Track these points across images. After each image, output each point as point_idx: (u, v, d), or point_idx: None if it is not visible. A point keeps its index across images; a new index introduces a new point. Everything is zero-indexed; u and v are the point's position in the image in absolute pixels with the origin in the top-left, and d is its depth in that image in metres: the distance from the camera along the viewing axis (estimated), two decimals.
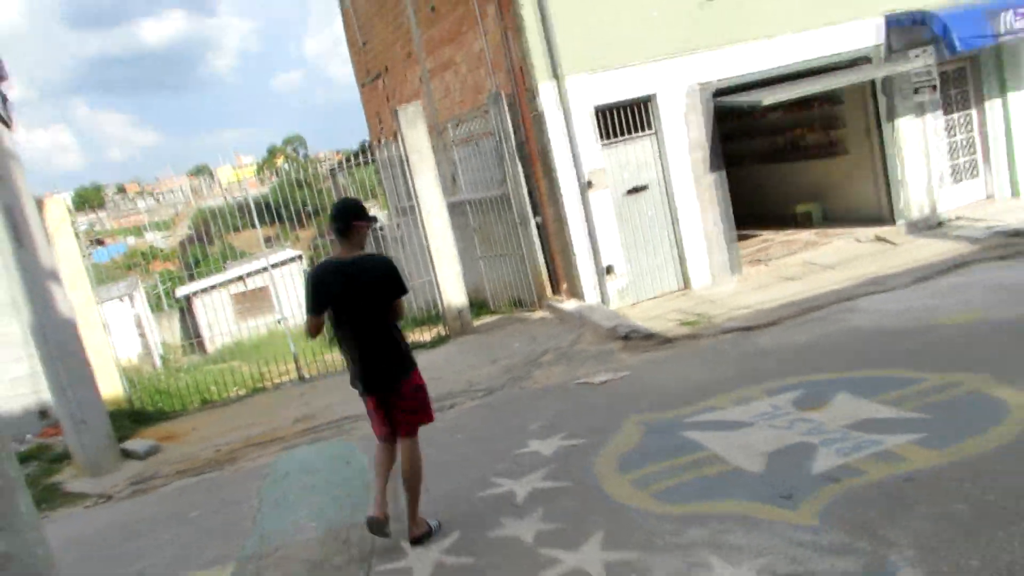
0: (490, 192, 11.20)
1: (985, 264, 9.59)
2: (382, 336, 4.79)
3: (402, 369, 4.83)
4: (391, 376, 4.81)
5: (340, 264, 4.72)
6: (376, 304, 4.74)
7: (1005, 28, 11.26)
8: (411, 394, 4.88)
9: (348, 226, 4.70)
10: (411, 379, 4.88)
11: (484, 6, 10.68)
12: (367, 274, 4.70)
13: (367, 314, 4.73)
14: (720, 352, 8.04)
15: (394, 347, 4.83)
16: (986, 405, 5.29)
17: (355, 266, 4.70)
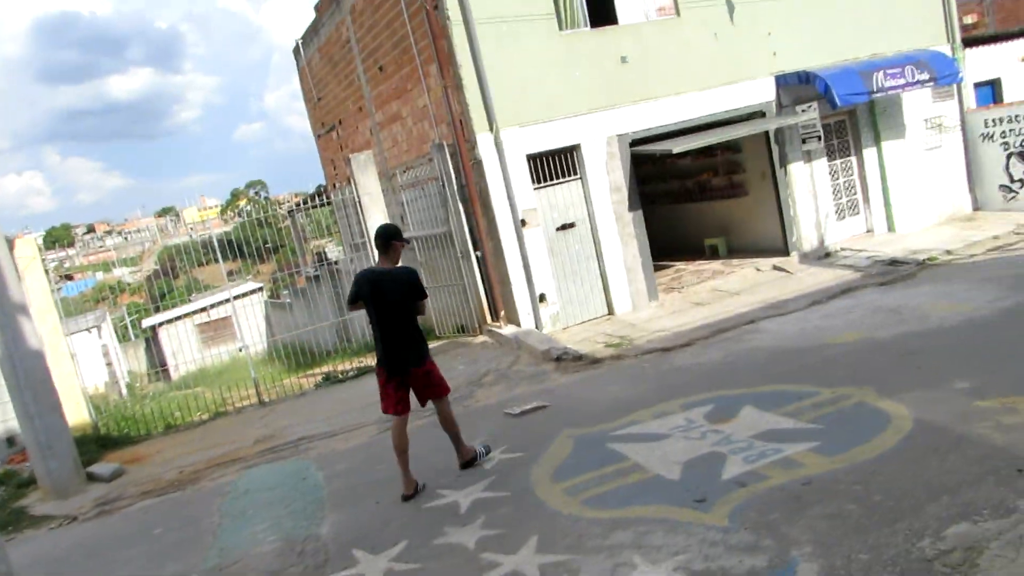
0: (435, 230, 11.16)
1: (868, 289, 9.93)
2: (403, 331, 5.49)
3: (417, 358, 5.53)
4: (407, 362, 5.50)
5: (375, 272, 5.53)
6: (400, 305, 5.44)
7: (877, 86, 11.80)
8: (423, 376, 5.57)
9: (388, 244, 5.49)
10: (423, 367, 5.56)
11: (427, 67, 10.71)
12: (394, 282, 5.43)
13: (392, 313, 5.44)
14: (641, 371, 8.11)
15: (412, 341, 5.52)
16: (871, 415, 5.43)
17: (387, 275, 5.46)
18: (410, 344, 5.50)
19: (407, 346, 5.49)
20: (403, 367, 5.50)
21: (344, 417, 8.41)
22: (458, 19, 9.79)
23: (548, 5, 10.33)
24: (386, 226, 5.70)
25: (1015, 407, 4.98)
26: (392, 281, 5.43)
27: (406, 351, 5.49)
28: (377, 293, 5.41)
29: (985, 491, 3.98)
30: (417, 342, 5.54)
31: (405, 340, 5.49)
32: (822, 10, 12.23)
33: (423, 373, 5.56)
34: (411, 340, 5.51)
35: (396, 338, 5.47)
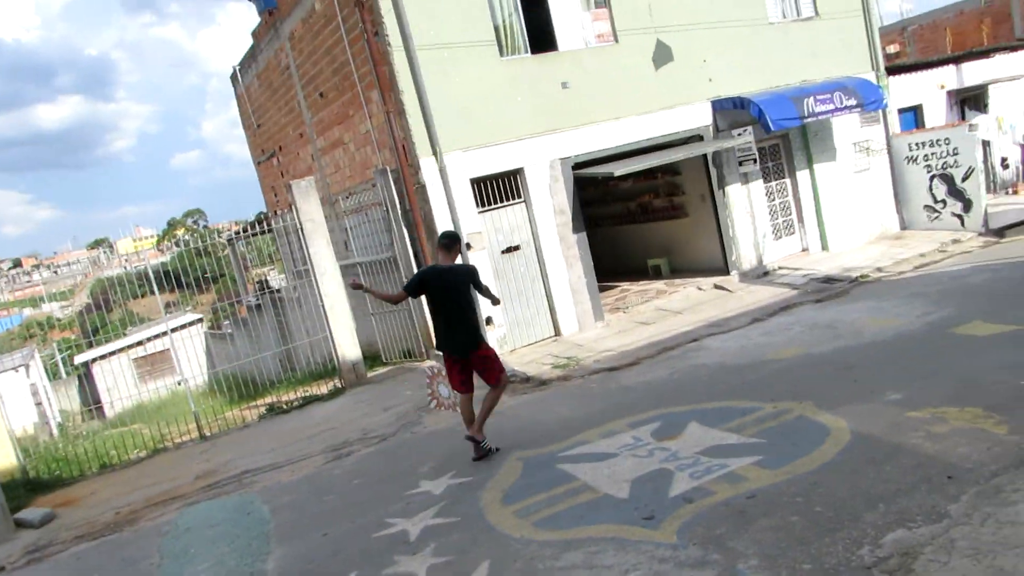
0: (379, 255, 11.11)
1: (805, 306, 10.26)
2: (463, 319, 6.28)
3: (473, 343, 6.33)
4: (465, 347, 6.31)
5: (439, 269, 6.39)
6: (459, 296, 6.28)
7: (808, 111, 12.28)
8: (480, 360, 6.36)
9: (452, 245, 6.44)
10: (479, 350, 6.36)
11: (368, 92, 10.72)
12: (455, 276, 6.34)
13: (453, 303, 6.27)
14: (589, 391, 8.19)
15: (470, 328, 6.33)
16: (811, 429, 5.60)
17: (449, 271, 6.35)
18: (468, 330, 6.31)
19: (466, 331, 6.30)
20: (463, 350, 6.31)
21: (290, 448, 8.24)
22: (399, 45, 9.85)
23: (489, 32, 10.49)
24: (450, 231, 6.81)
25: (943, 417, 5.21)
26: (454, 275, 6.34)
27: (464, 336, 6.30)
28: (441, 286, 6.27)
29: (918, 498, 4.14)
30: (474, 329, 6.37)
31: (464, 327, 6.29)
32: (755, 39, 12.71)
33: (480, 357, 6.36)
34: (469, 327, 6.33)
35: (456, 325, 6.29)
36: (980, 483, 4.15)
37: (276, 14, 13.30)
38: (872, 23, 14.21)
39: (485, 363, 6.37)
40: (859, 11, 13.96)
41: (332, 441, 8.13)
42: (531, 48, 10.92)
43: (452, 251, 6.42)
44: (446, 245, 6.42)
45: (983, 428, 4.88)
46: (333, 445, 7.97)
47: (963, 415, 5.16)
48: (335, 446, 7.93)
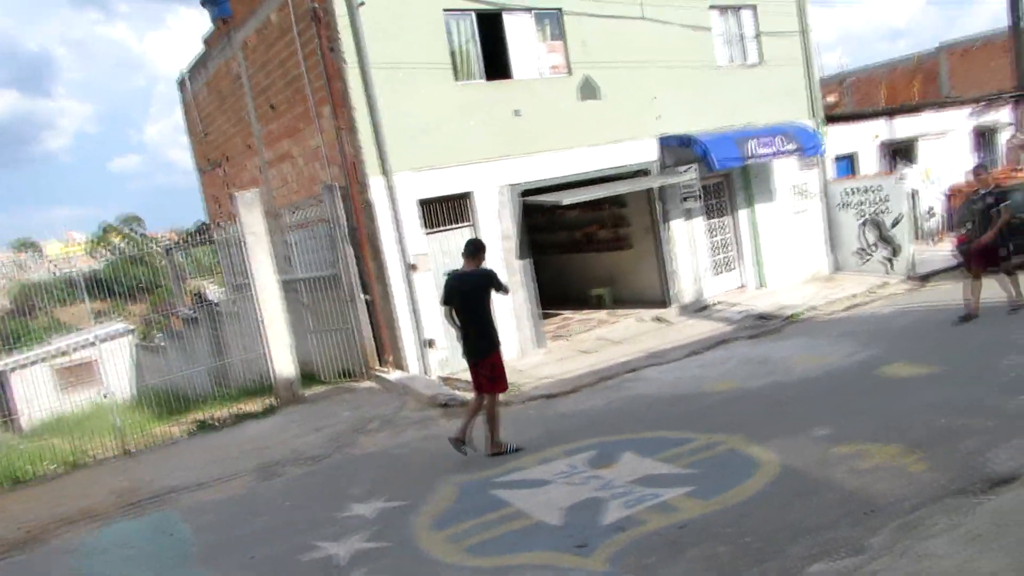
0: (322, 272, 10.95)
1: (740, 341, 10.51)
2: (477, 324, 6.58)
3: (487, 350, 6.58)
4: (479, 352, 6.58)
5: (461, 274, 6.67)
6: (474, 302, 6.54)
7: (751, 153, 12.71)
8: (489, 369, 6.59)
9: (475, 253, 6.72)
10: (490, 358, 6.59)
11: (320, 107, 10.65)
12: (473, 282, 6.58)
13: (470, 309, 6.56)
14: (526, 417, 8.18)
15: (483, 334, 6.59)
16: (742, 461, 5.72)
17: (468, 276, 6.62)
18: (481, 336, 6.60)
19: (479, 336, 6.60)
20: (476, 354, 6.61)
21: (218, 466, 7.97)
22: (354, 63, 9.84)
23: (445, 56, 10.56)
24: (474, 239, 7.00)
25: (867, 453, 5.38)
26: (470, 281, 6.60)
27: (477, 340, 6.61)
28: (458, 292, 6.58)
29: (841, 531, 4.25)
30: (487, 336, 6.61)
31: (478, 332, 6.60)
32: (703, 80, 13.12)
33: (488, 364, 6.60)
34: (482, 333, 6.60)
35: (471, 330, 6.62)
36: (899, 518, 4.29)
37: (230, 22, 13.13)
38: (812, 73, 14.84)
39: (491, 371, 6.63)
40: (801, 61, 14.58)
41: (263, 460, 7.90)
42: (486, 74, 11.04)
43: (475, 258, 6.71)
44: (470, 253, 6.75)
45: (903, 465, 5.06)
46: (263, 464, 7.75)
47: (885, 452, 5.34)
48: (265, 465, 7.72)
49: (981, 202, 9.38)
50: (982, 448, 5.11)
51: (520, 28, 11.31)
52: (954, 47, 27.97)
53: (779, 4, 14.11)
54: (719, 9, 13.48)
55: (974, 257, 9.40)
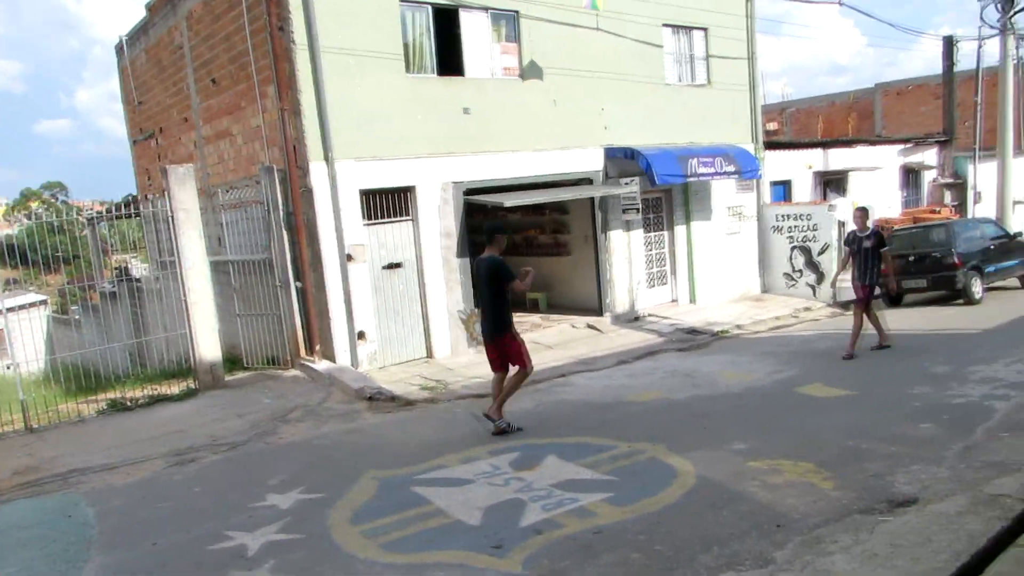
0: (255, 255, 10.69)
1: (669, 354, 10.75)
2: (490, 306, 6.98)
3: (498, 330, 6.98)
4: (493, 332, 7.02)
5: (479, 259, 7.05)
6: (491, 285, 6.90)
7: (691, 171, 13.02)
8: (505, 347, 7.01)
9: (492, 236, 7.01)
10: (504, 338, 6.99)
11: (264, 87, 10.40)
12: (487, 268, 6.91)
13: (483, 291, 7.01)
14: (453, 415, 8.17)
15: (496, 315, 6.96)
16: (661, 470, 5.83)
17: (483, 261, 6.96)
18: (494, 317, 6.96)
19: (492, 317, 6.97)
20: (492, 335, 7.01)
21: (128, 448, 7.68)
22: (304, 44, 9.65)
23: (398, 46, 10.47)
24: (493, 222, 7.32)
25: (780, 469, 5.57)
26: (485, 266, 6.94)
27: (491, 322, 6.99)
28: (475, 276, 7.12)
29: (749, 543, 4.39)
30: (500, 317, 6.96)
31: (491, 313, 6.98)
32: (651, 97, 13.37)
33: (503, 343, 6.97)
34: (495, 314, 6.95)
35: (486, 311, 7.02)
36: (804, 533, 4.45)
37: None
38: (756, 99, 15.31)
39: (507, 350, 7.01)
40: (746, 87, 15.02)
41: (177, 445, 7.66)
42: (438, 70, 10.99)
43: (492, 244, 7.01)
44: (487, 237, 7.09)
45: (812, 482, 5.25)
46: (177, 449, 7.51)
47: (797, 469, 5.53)
48: (179, 450, 7.48)
49: (857, 244, 9.70)
50: (886, 471, 5.35)
51: (476, 26, 11.30)
52: (890, 87, 29.29)
53: (730, 29, 14.50)
54: (672, 28, 13.76)
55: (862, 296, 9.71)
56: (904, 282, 13.68)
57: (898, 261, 13.81)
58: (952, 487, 4.95)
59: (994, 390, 7.29)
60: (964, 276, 13.02)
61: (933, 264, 13.31)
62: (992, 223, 15.68)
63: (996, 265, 13.91)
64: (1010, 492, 4.74)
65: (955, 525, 4.35)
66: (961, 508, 4.58)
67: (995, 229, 14.96)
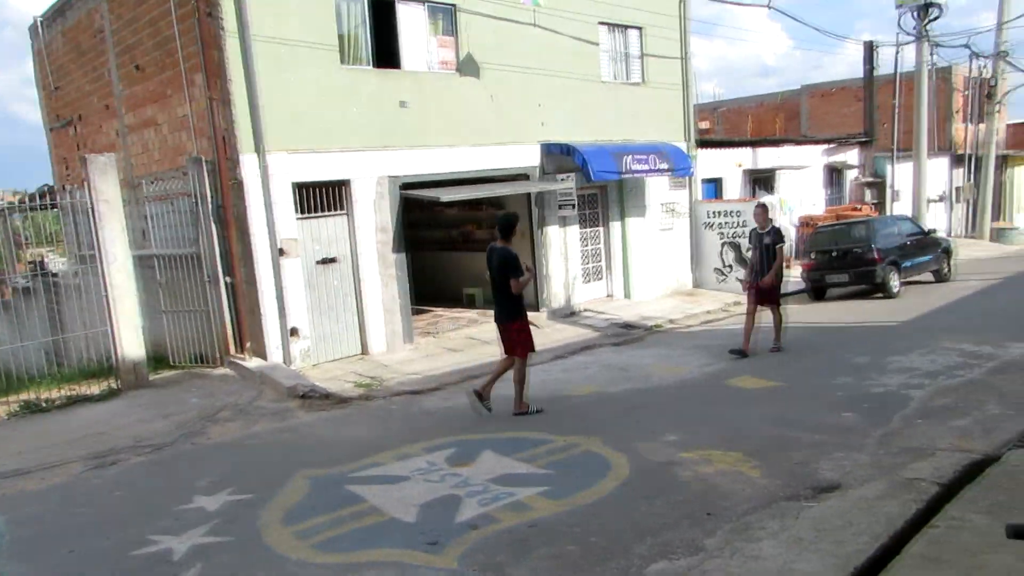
0: (182, 249, 10.32)
1: (604, 348, 10.87)
2: (500, 294, 7.30)
3: (509, 317, 7.33)
4: (503, 318, 7.36)
5: (492, 249, 7.32)
6: (498, 274, 7.24)
7: (626, 168, 13.19)
8: (513, 333, 7.34)
9: (502, 230, 7.28)
10: (513, 324, 7.32)
11: (192, 75, 10.04)
12: (496, 257, 7.23)
13: (495, 279, 7.33)
14: (389, 412, 8.08)
15: (509, 303, 7.29)
16: (596, 463, 5.89)
17: (495, 251, 7.26)
18: (504, 304, 7.32)
19: (502, 304, 7.33)
20: (502, 320, 7.36)
21: (43, 452, 7.31)
22: (234, 31, 9.35)
23: (332, 37, 10.25)
24: (508, 214, 7.57)
25: (710, 459, 5.69)
26: (496, 256, 7.24)
27: (501, 308, 7.36)
28: (489, 264, 7.31)
29: (681, 532, 4.47)
30: (509, 304, 7.30)
31: (501, 300, 7.32)
32: (587, 94, 13.47)
33: (514, 331, 7.32)
34: (505, 301, 7.29)
35: (497, 298, 7.36)
36: (733, 520, 4.56)
37: None
38: (689, 99, 15.62)
39: (511, 335, 7.36)
40: (679, 86, 15.30)
41: (97, 448, 7.33)
42: (375, 62, 10.82)
43: (504, 235, 7.29)
44: (499, 229, 7.34)
45: (741, 471, 5.39)
46: (97, 452, 7.19)
47: (727, 458, 5.67)
48: (99, 453, 7.16)
49: (757, 240, 9.61)
50: (811, 459, 5.54)
51: (413, 19, 11.17)
52: (815, 89, 30.33)
53: (664, 28, 14.74)
54: (608, 26, 13.90)
55: (754, 293, 9.61)
56: (828, 276, 14.21)
57: (823, 256, 14.37)
58: (872, 472, 5.15)
59: (910, 379, 7.62)
60: (883, 271, 13.59)
61: (855, 259, 13.85)
62: (909, 220, 16.42)
63: (912, 260, 14.56)
64: (925, 476, 4.97)
65: (875, 509, 4.52)
66: (880, 492, 4.77)
67: (911, 226, 15.66)
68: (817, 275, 14.38)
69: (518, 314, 7.33)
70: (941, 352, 8.71)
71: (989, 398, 6.76)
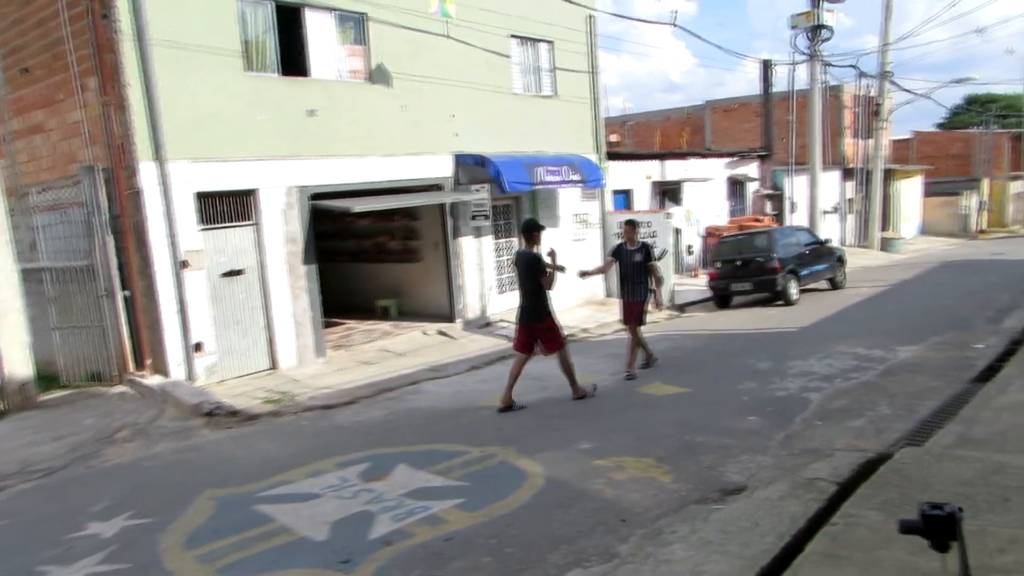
0: (75, 262, 9.73)
1: None
2: (528, 295, 7.82)
3: (537, 316, 7.81)
4: (531, 318, 7.84)
5: (518, 253, 8.11)
6: (526, 276, 7.82)
7: (539, 179, 13.33)
8: (544, 331, 7.85)
9: (527, 233, 7.92)
10: (543, 322, 7.83)
11: (85, 78, 9.51)
12: (523, 260, 7.86)
13: (522, 281, 7.92)
14: (300, 428, 7.85)
15: (535, 303, 7.78)
16: (512, 473, 5.88)
17: (522, 255, 7.93)
18: (533, 305, 7.78)
19: (531, 305, 7.80)
20: (528, 320, 7.82)
21: None
22: (130, 34, 8.93)
23: (237, 43, 9.93)
24: (531, 219, 8.05)
25: (623, 465, 5.78)
26: (523, 259, 7.88)
27: (530, 309, 7.82)
28: (516, 266, 7.95)
29: (595, 539, 4.51)
30: (538, 304, 7.76)
31: (530, 301, 7.80)
32: (500, 106, 13.56)
33: (543, 328, 7.81)
34: (534, 302, 7.76)
35: (524, 299, 7.85)
36: (646, 526, 4.64)
37: None
38: (599, 112, 15.96)
39: (546, 335, 7.83)
40: (589, 99, 15.62)
41: None
42: (282, 69, 10.55)
43: (530, 239, 7.84)
44: (525, 235, 7.91)
45: (653, 476, 5.50)
46: None
47: (639, 464, 5.77)
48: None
49: (625, 257, 9.40)
50: (718, 462, 5.71)
51: (321, 26, 10.97)
52: (718, 105, 31.61)
53: (574, 43, 15.02)
54: (519, 39, 14.05)
55: (627, 313, 9.48)
56: (732, 285, 14.76)
57: (727, 266, 14.92)
58: (775, 474, 5.36)
59: (809, 383, 7.99)
60: (783, 279, 14.23)
61: (757, 268, 14.45)
62: (806, 231, 17.27)
63: (810, 269, 15.32)
64: (824, 475, 5.20)
65: (779, 509, 4.69)
66: (783, 493, 4.96)
67: (808, 236, 16.49)
68: (722, 284, 14.91)
69: (545, 313, 7.83)
70: (837, 356, 9.17)
71: (881, 399, 7.16)
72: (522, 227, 7.99)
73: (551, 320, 7.90)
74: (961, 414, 6.09)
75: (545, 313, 7.84)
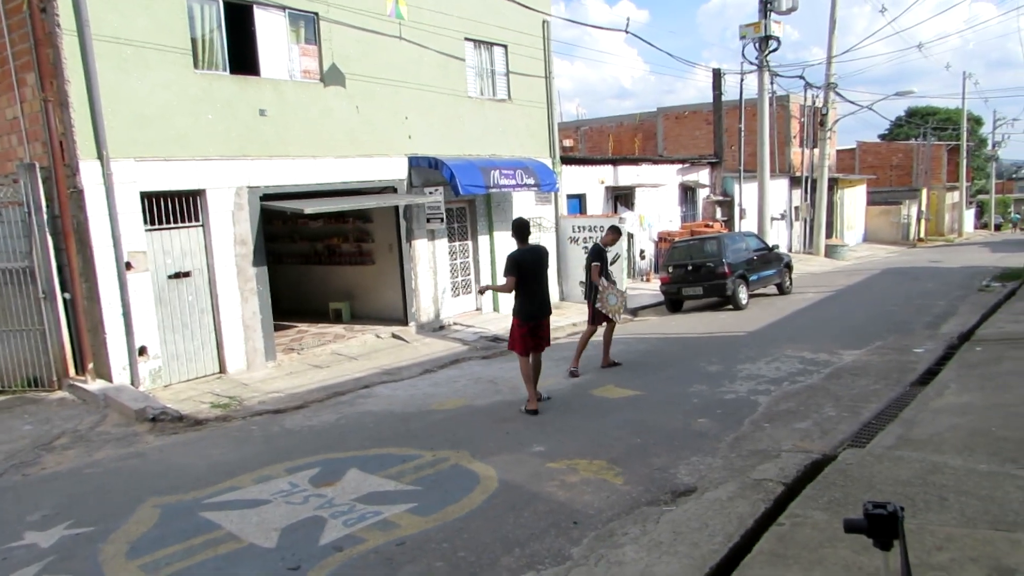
0: (12, 263, 9.37)
1: (473, 361, 10.89)
2: (545, 290, 7.90)
3: (549, 310, 7.96)
4: (542, 314, 7.86)
5: (528, 251, 7.77)
6: (543, 271, 7.85)
7: (494, 182, 13.34)
8: (547, 327, 7.99)
9: (521, 232, 7.80)
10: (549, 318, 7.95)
11: (23, 74, 9.18)
12: (539, 256, 7.84)
13: (539, 277, 7.80)
14: (248, 433, 7.69)
15: (548, 297, 7.95)
16: (464, 477, 5.86)
17: (533, 251, 7.82)
18: (547, 299, 7.92)
19: (546, 301, 7.91)
20: (541, 315, 7.84)
21: None
22: (71, 29, 8.66)
23: (184, 40, 9.72)
24: (518, 220, 7.92)
25: (576, 468, 5.82)
26: (538, 253, 7.85)
27: (545, 304, 7.90)
28: (531, 265, 7.71)
29: (548, 542, 4.53)
30: (549, 298, 7.98)
31: (545, 296, 7.89)
32: (454, 108, 13.54)
33: (548, 323, 7.97)
34: (548, 296, 7.96)
35: (541, 295, 7.83)
36: (598, 528, 4.68)
37: None
38: (553, 117, 16.05)
39: (547, 330, 8.00)
40: (543, 104, 15.71)
41: None
42: (231, 67, 10.35)
43: (524, 238, 7.80)
44: (520, 235, 7.78)
45: (605, 478, 5.55)
46: None
47: (591, 467, 5.82)
48: None
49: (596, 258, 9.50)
50: (669, 464, 5.79)
51: (272, 25, 10.80)
52: (670, 112, 32.09)
53: (528, 48, 15.10)
54: (473, 42, 14.06)
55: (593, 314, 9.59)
56: (683, 290, 15.00)
57: (678, 271, 15.15)
58: (725, 475, 5.46)
59: (758, 385, 8.16)
60: (732, 284, 14.51)
61: (707, 273, 14.70)
62: (755, 236, 17.65)
63: (759, 274, 15.66)
64: (771, 476, 5.31)
65: (728, 510, 4.78)
66: (732, 493, 5.05)
67: (757, 242, 16.85)
68: (674, 288, 15.14)
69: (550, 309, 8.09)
70: (784, 360, 9.39)
71: (826, 402, 7.35)
72: (515, 227, 7.86)
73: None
74: (902, 416, 6.30)
75: (550, 311, 8.09)
